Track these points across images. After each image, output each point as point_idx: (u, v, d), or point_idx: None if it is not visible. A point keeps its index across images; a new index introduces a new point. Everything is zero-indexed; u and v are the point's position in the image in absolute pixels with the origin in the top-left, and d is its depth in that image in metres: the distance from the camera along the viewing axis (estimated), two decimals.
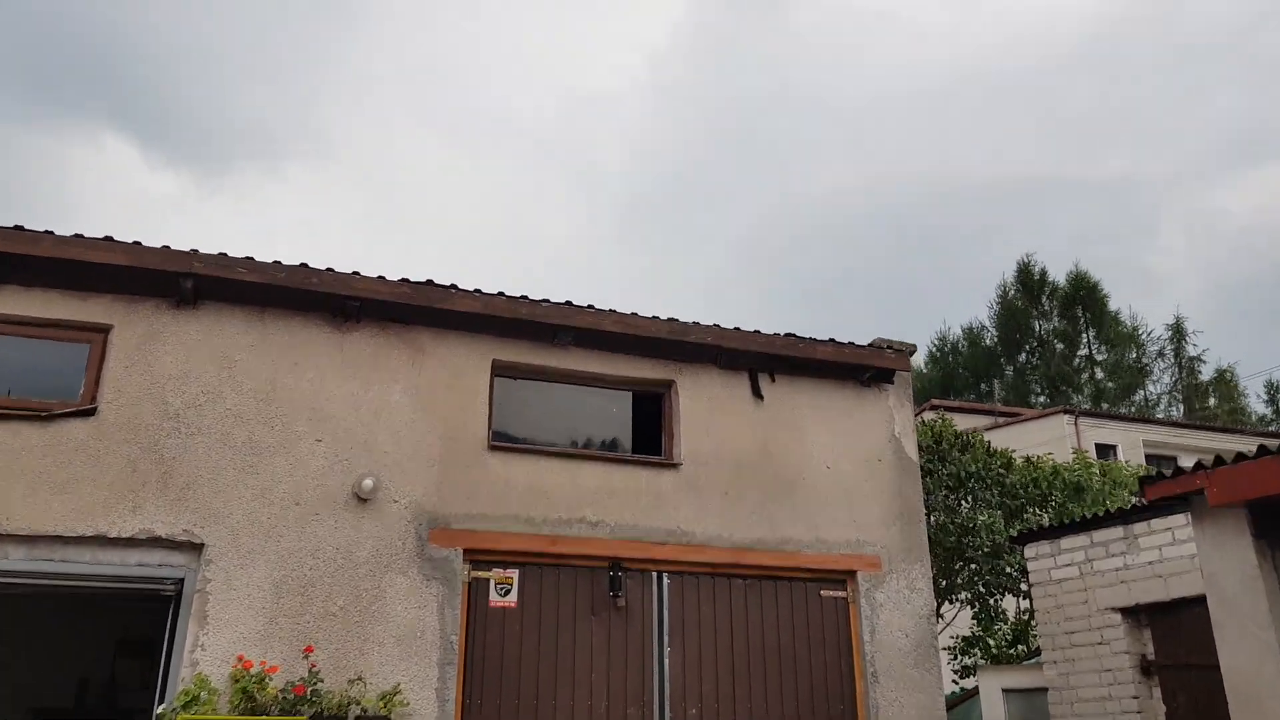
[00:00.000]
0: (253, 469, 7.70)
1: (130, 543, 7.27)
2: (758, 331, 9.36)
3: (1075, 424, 28.40)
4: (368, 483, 7.79)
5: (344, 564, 7.63)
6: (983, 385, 47.70)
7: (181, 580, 7.45)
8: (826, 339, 9.66)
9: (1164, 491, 6.51)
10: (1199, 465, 6.30)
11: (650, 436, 9.15)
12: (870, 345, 9.85)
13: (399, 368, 8.26)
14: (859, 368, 9.77)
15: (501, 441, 8.48)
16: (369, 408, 8.09)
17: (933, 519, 13.59)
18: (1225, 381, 46.91)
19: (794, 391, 9.66)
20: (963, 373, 49.80)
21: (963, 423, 21.28)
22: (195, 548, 7.40)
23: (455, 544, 7.89)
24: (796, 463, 9.29)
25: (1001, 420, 29.71)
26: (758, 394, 9.46)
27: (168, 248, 7.81)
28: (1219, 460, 6.15)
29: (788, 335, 9.50)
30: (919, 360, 50.85)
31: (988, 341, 50.68)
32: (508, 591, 8.09)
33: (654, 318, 9.00)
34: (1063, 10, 74.96)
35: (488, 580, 8.07)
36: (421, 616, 7.66)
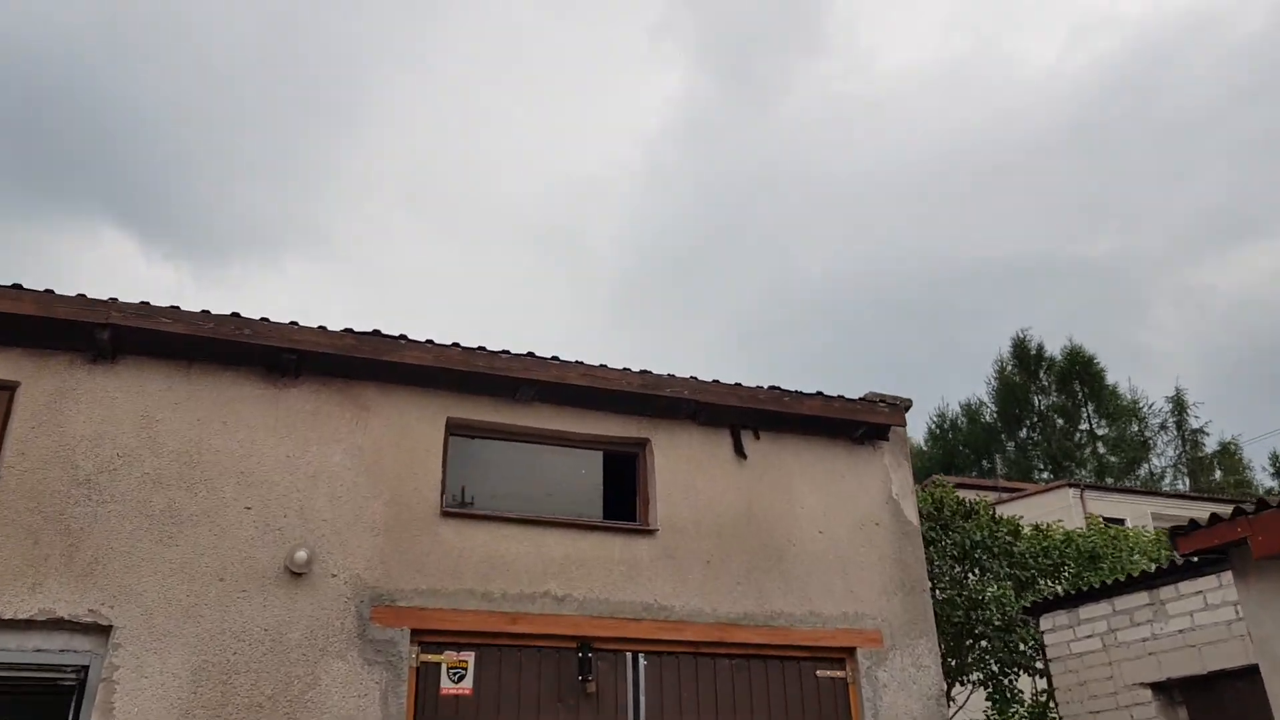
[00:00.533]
0: (171, 540, 6.96)
1: (28, 625, 6.47)
2: (739, 385, 8.80)
3: (1081, 497, 27.50)
4: (301, 555, 7.12)
5: (273, 647, 6.89)
6: (984, 462, 46.78)
7: (85, 668, 6.58)
8: (814, 392, 9.10)
9: (1200, 544, 5.59)
10: (1239, 510, 5.38)
11: (623, 500, 8.64)
12: (862, 399, 9.31)
13: (341, 426, 7.70)
14: (850, 424, 9.19)
15: (456, 507, 7.95)
16: (306, 470, 7.46)
17: (938, 593, 12.96)
18: (1230, 454, 46.02)
19: (781, 450, 9.06)
20: (963, 450, 49.03)
21: (966, 497, 20.32)
22: (102, 630, 6.57)
23: (401, 623, 7.21)
24: (785, 528, 8.72)
25: (1005, 495, 28.81)
26: (740, 453, 8.90)
27: (83, 296, 7.10)
28: (1262, 504, 5.23)
29: (772, 389, 8.95)
30: (918, 437, 50.21)
31: (987, 417, 50.15)
32: (462, 677, 7.38)
33: (625, 370, 8.53)
34: (1047, 93, 75.88)
35: (439, 664, 7.35)
36: (362, 706, 6.90)
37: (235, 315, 7.52)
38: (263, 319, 7.60)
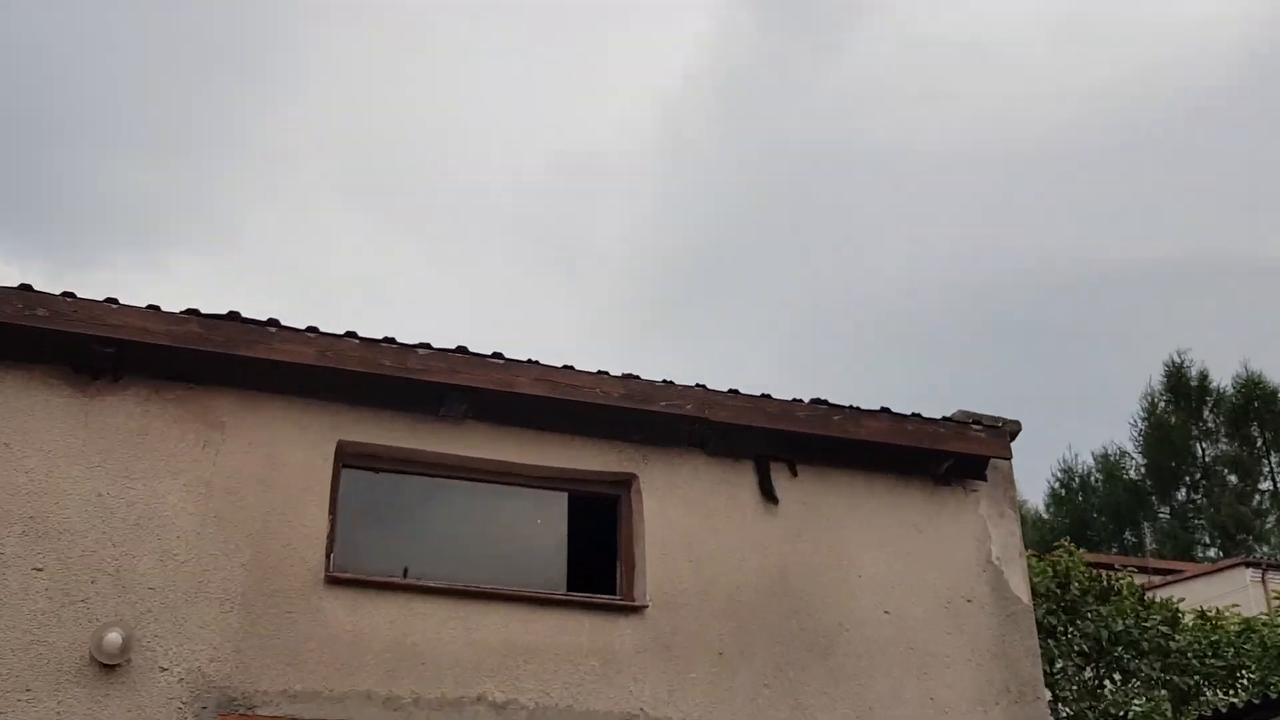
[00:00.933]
0: None
1: None
2: (767, 397, 8.59)
3: (1263, 579, 27.07)
4: (115, 638, 6.84)
5: None
6: (1128, 535, 46.11)
7: None
8: (878, 408, 8.88)
9: None
10: None
11: (597, 564, 8.48)
12: (948, 420, 9.05)
13: (180, 452, 7.54)
14: (930, 455, 8.93)
15: (350, 571, 7.67)
16: (125, 515, 7.26)
17: (1062, 707, 12.97)
18: None
19: (829, 492, 8.84)
20: (1099, 518, 48.35)
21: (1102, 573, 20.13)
22: None
23: None
24: (835, 605, 8.50)
25: (1157, 579, 28.24)
26: (769, 496, 8.66)
27: None
28: None
29: (816, 403, 8.74)
30: (1036, 499, 49.44)
31: (1132, 474, 49.42)
32: None
33: (600, 374, 8.29)
34: (1210, 44, 75.08)
35: None
36: None
37: (25, 289, 7.29)
38: (66, 294, 7.37)
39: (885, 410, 8.89)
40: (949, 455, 9.00)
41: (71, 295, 7.39)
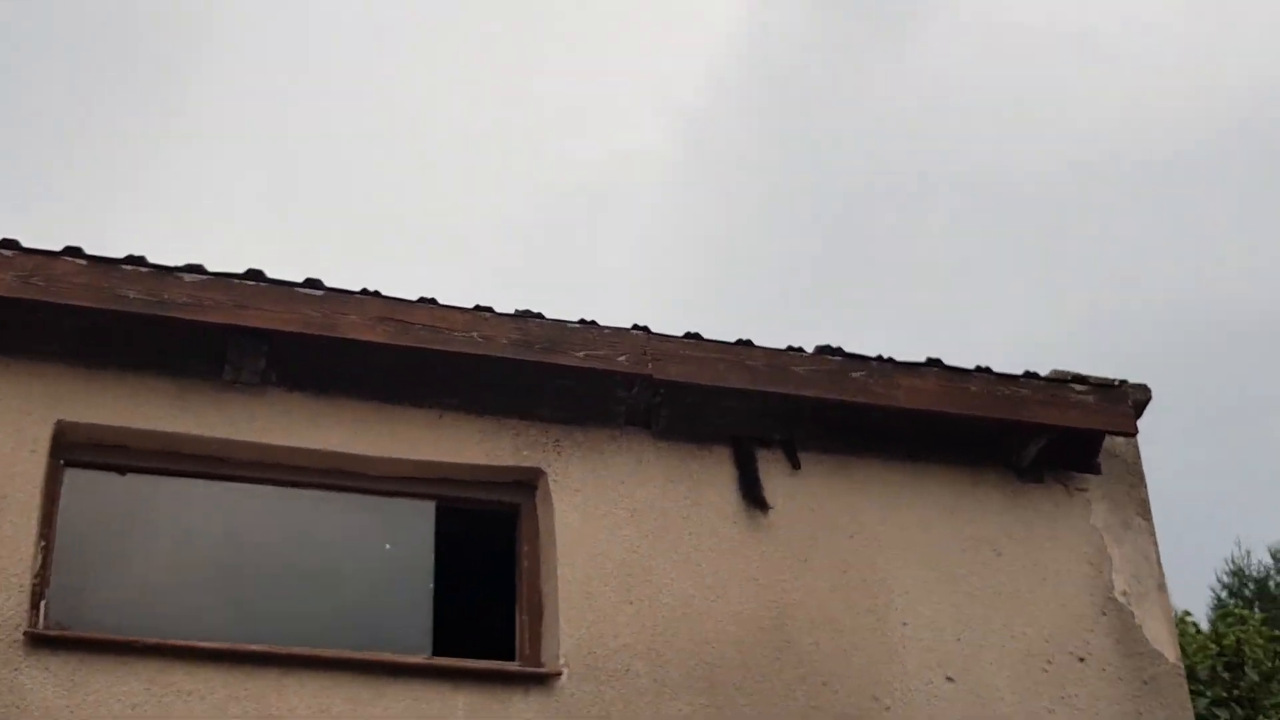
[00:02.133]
0: None
1: None
2: (747, 344, 7.19)
3: None
4: None
5: None
6: None
7: None
8: (924, 360, 7.50)
9: None
10: None
11: (482, 610, 7.52)
12: (1033, 376, 7.59)
13: None
14: (1010, 430, 7.53)
15: (72, 627, 6.41)
16: None
17: None
18: None
19: (849, 492, 7.51)
20: None
21: None
22: None
23: None
24: (867, 669, 7.16)
25: None
26: (757, 499, 7.27)
27: None
28: None
29: (823, 352, 7.32)
30: (1198, 614, 46.41)
31: None
32: None
33: (481, 310, 6.85)
34: None
35: None
36: None
37: None
38: None
39: (935, 363, 7.43)
40: (1039, 431, 7.52)
41: None
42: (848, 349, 7.63)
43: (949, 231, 76.68)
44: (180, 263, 6.58)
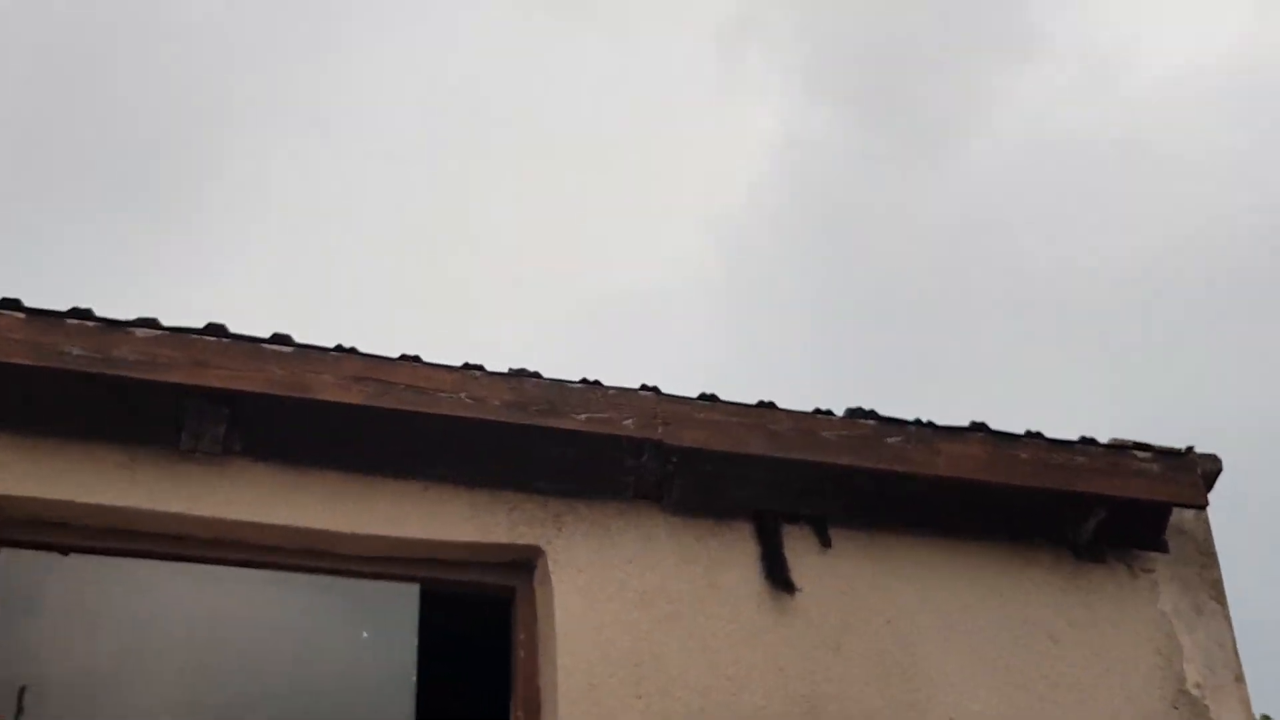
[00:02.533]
0: None
1: None
2: (769, 406, 6.78)
3: None
4: None
5: None
6: None
7: None
8: (970, 424, 7.12)
9: None
10: None
11: (472, 707, 7.27)
12: (1091, 442, 7.13)
13: None
14: (1067, 503, 6.97)
15: None
16: None
17: None
18: None
19: (886, 573, 6.95)
20: None
21: None
22: None
23: None
24: None
25: None
26: (782, 581, 6.75)
27: None
28: None
29: (855, 415, 6.95)
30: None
31: None
32: None
33: (471, 369, 6.44)
34: None
35: None
36: None
37: None
38: None
39: (981, 427, 6.93)
40: (1098, 503, 6.90)
41: None
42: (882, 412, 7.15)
43: (1001, 344, 77.38)
44: (131, 316, 6.01)
